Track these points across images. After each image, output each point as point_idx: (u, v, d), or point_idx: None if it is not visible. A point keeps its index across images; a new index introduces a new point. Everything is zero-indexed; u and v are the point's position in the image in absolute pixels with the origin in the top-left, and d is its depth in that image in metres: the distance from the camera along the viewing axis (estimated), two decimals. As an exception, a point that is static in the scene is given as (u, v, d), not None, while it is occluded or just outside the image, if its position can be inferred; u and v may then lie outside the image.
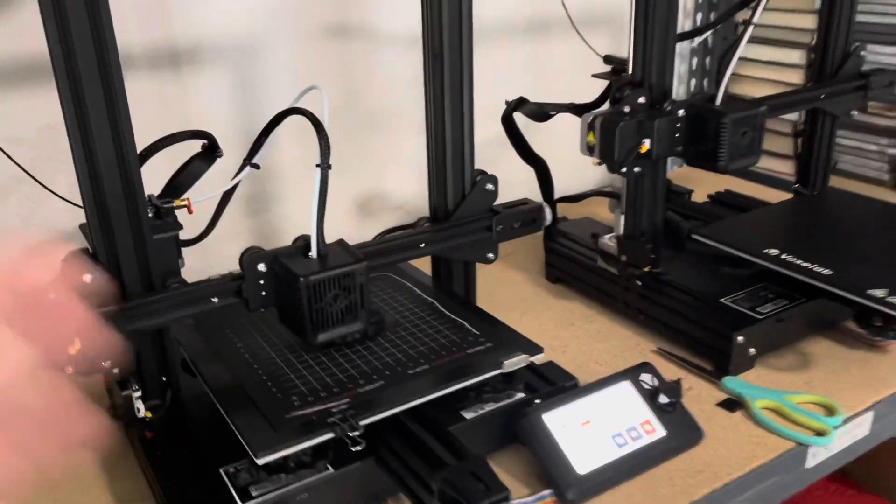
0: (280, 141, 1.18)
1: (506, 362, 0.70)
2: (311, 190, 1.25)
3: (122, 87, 0.61)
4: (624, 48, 0.89)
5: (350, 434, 0.61)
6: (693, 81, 1.57)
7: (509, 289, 1.12)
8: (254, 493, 0.63)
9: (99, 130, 0.61)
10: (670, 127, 0.87)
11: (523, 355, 0.71)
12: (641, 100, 0.87)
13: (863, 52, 1.06)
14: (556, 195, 1.09)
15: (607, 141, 0.86)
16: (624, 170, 0.88)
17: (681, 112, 0.88)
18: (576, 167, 1.10)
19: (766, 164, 1.56)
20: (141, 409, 0.68)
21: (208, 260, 0.90)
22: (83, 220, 0.68)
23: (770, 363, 0.90)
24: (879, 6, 1.37)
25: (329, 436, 0.62)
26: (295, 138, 1.18)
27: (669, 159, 0.95)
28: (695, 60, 1.55)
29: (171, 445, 0.70)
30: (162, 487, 0.65)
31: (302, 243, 0.68)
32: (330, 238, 0.70)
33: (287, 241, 1.22)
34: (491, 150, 1.00)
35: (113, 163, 0.63)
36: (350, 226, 1.25)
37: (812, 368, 0.89)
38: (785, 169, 1.52)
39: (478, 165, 0.85)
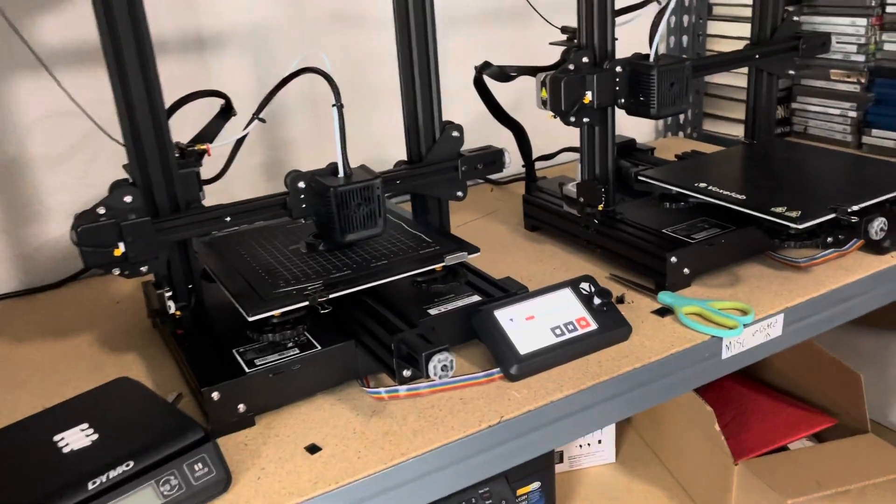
0: (294, 117, 1.39)
1: (448, 257, 0.87)
2: (320, 158, 1.43)
3: (153, 61, 0.80)
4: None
5: (319, 300, 0.79)
6: (672, 39, 1.72)
7: (491, 237, 1.28)
8: (257, 363, 0.81)
9: (136, 90, 0.80)
10: (609, 81, 1.03)
11: (462, 252, 0.88)
12: (585, 59, 1.03)
13: (796, 18, 1.20)
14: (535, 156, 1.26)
15: (555, 94, 1.02)
16: (573, 119, 1.04)
17: (618, 68, 1.03)
18: (559, 134, 1.26)
19: (729, 129, 1.71)
20: (172, 307, 0.86)
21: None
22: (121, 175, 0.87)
23: (705, 282, 1.04)
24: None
25: (304, 303, 0.80)
26: (307, 114, 1.38)
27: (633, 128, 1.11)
28: (673, 19, 1.70)
29: (197, 338, 0.88)
30: (190, 366, 0.84)
31: (333, 166, 0.88)
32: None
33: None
34: (487, 126, 1.18)
35: (147, 115, 0.81)
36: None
37: (739, 285, 1.03)
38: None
39: (470, 141, 1.02)
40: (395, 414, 0.81)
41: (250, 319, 0.78)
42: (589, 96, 1.02)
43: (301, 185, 0.88)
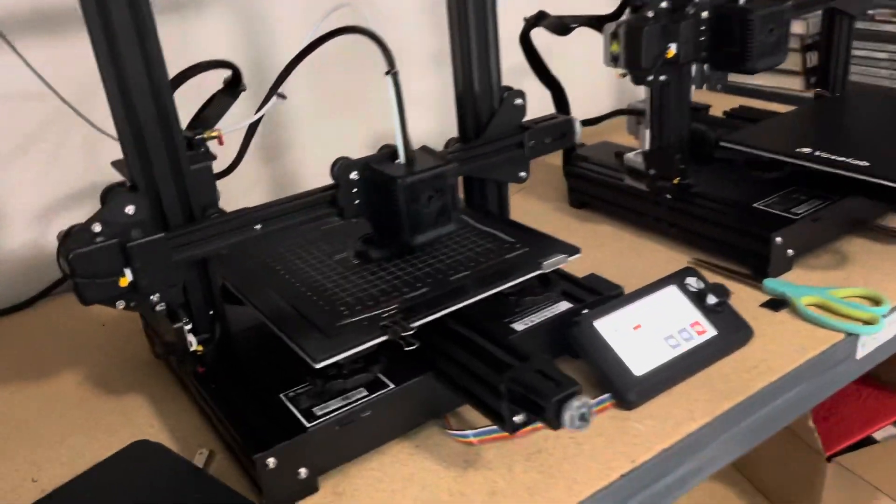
0: (287, 87, 1.16)
1: (545, 263, 0.70)
2: (324, 133, 1.24)
3: (151, 17, 0.59)
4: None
5: (403, 335, 0.61)
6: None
7: (533, 219, 1.09)
8: (318, 413, 0.63)
9: (131, 59, 0.59)
10: (695, 30, 0.86)
11: (561, 255, 0.71)
12: (664, 4, 0.85)
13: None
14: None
15: (633, 48, 0.84)
16: (650, 78, 0.87)
17: (704, 14, 0.86)
18: (585, 97, 1.08)
19: (773, 81, 1.55)
20: (193, 343, 0.67)
21: (230, 207, 0.89)
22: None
23: (807, 263, 0.89)
24: None
25: (383, 338, 0.62)
26: (303, 83, 1.16)
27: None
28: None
29: (225, 378, 0.69)
30: (225, 418, 0.65)
31: (387, 150, 0.70)
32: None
33: (306, 186, 1.22)
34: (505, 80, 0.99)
35: (146, 91, 0.61)
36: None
37: (849, 265, 0.88)
38: (793, 85, 1.51)
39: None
40: (495, 463, 0.65)
41: (318, 366, 0.59)
42: (673, 49, 0.85)
43: (354, 175, 0.69)
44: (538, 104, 1.03)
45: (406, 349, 0.61)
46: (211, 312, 0.70)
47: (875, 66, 1.44)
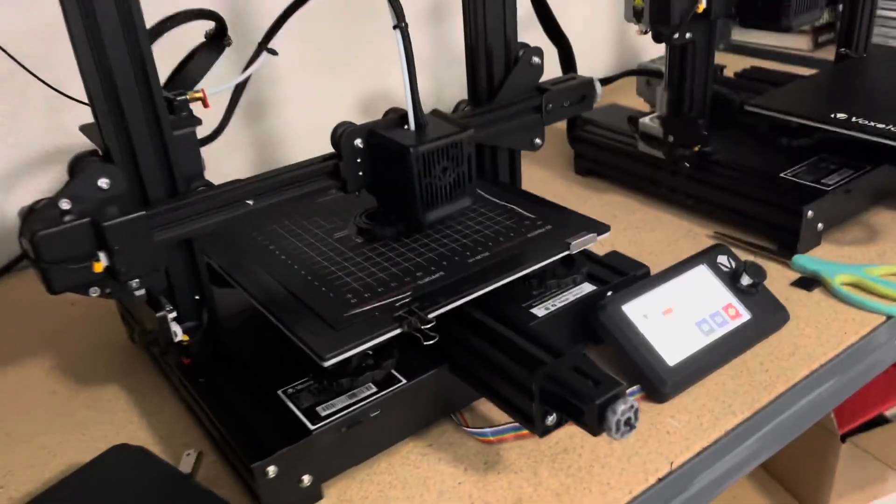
0: (274, 40, 1.06)
1: (573, 243, 0.63)
2: (311, 92, 1.14)
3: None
4: None
5: (421, 327, 0.54)
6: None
7: (537, 187, 1.01)
8: (322, 414, 0.56)
9: (104, 10, 0.50)
10: (727, -17, 0.79)
11: (590, 234, 0.64)
12: (693, -46, 0.78)
13: None
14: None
15: (662, 1, 0.76)
16: (676, 36, 0.79)
17: (738, -36, 0.78)
18: (586, 54, 1.00)
19: (778, 40, 1.49)
20: (178, 333, 0.59)
21: (208, 174, 0.81)
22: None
23: (836, 238, 0.84)
24: None
25: (397, 331, 0.54)
26: (288, 35, 1.06)
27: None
28: None
29: (215, 370, 0.62)
30: (217, 420, 0.58)
31: (395, 115, 0.62)
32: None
33: (291, 148, 1.14)
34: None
35: (121, 41, 0.52)
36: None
37: (882, 240, 0.83)
38: (800, 45, 1.45)
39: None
40: (518, 465, 0.58)
41: (327, 364, 0.52)
42: (704, 3, 0.77)
43: (358, 143, 0.61)
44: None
45: (425, 343, 0.54)
46: (197, 297, 0.62)
47: (885, 24, 1.37)
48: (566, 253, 0.63)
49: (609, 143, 1.00)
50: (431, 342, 0.54)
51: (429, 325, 0.54)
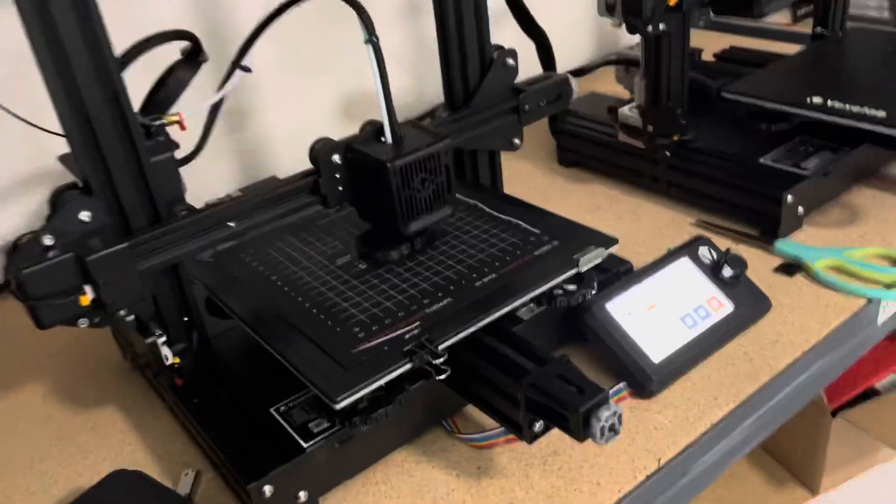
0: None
1: (581, 259, 0.62)
2: (291, 96, 1.14)
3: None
4: None
5: (433, 361, 0.54)
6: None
7: (521, 180, 1.04)
8: (315, 430, 0.56)
9: (70, 33, 0.50)
10: (698, -28, 0.79)
11: (598, 249, 0.64)
12: (662, -55, 0.78)
13: None
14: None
15: (633, -4, 0.76)
16: (650, 28, 0.80)
17: (708, -46, 0.79)
18: (562, 42, 1.00)
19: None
20: (169, 357, 0.60)
21: (191, 186, 0.81)
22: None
23: (817, 221, 0.84)
24: None
25: (407, 366, 0.54)
26: (264, 40, 1.06)
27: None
28: None
29: (207, 390, 0.63)
30: (212, 441, 0.58)
31: (371, 129, 0.62)
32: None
33: (275, 154, 1.14)
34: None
35: (91, 72, 0.52)
36: (337, 132, 1.15)
37: (862, 221, 0.84)
38: (781, 20, 1.45)
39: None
40: (510, 469, 0.60)
41: (339, 407, 0.52)
42: (675, -4, 0.77)
43: (336, 159, 0.62)
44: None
45: (437, 378, 0.54)
46: (185, 319, 0.63)
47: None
48: (575, 271, 0.62)
49: (590, 134, 1.00)
50: (443, 376, 0.54)
51: (441, 360, 0.54)
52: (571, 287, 0.62)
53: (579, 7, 1.41)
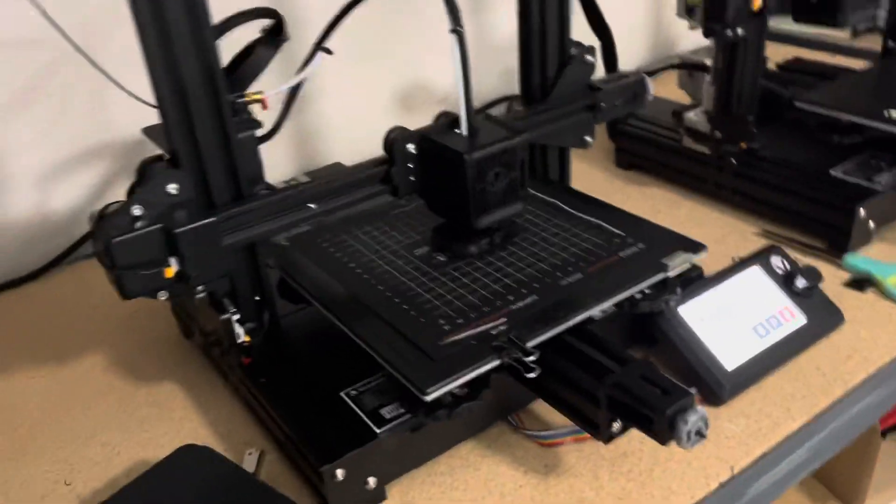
0: (308, 33, 1.07)
1: (670, 263, 0.61)
2: (348, 84, 1.13)
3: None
4: None
5: (523, 359, 0.53)
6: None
7: (578, 181, 1.02)
8: (387, 416, 0.56)
9: (173, 5, 0.50)
10: (783, -22, 0.78)
11: (686, 254, 0.62)
12: (747, -52, 0.77)
13: None
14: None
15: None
16: (729, 33, 0.79)
17: (794, -40, 0.77)
18: (623, 46, 0.99)
19: (817, 29, 1.46)
20: (241, 334, 0.59)
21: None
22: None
23: (886, 236, 0.83)
24: None
25: (496, 362, 0.53)
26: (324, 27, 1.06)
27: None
28: None
29: (275, 371, 0.62)
30: (282, 421, 0.58)
31: (446, 120, 0.61)
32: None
33: (330, 141, 1.13)
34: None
35: (189, 44, 0.52)
36: (391, 121, 1.15)
37: (932, 239, 0.82)
38: (840, 34, 1.43)
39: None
40: (579, 469, 0.59)
41: (429, 399, 0.51)
42: (760, 1, 0.76)
43: (410, 148, 0.61)
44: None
45: (526, 376, 0.53)
46: (257, 298, 0.63)
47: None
48: (664, 275, 0.61)
49: (652, 138, 0.99)
50: (533, 374, 0.53)
51: (532, 358, 0.53)
52: (650, 291, 0.61)
53: (639, 10, 1.39)
